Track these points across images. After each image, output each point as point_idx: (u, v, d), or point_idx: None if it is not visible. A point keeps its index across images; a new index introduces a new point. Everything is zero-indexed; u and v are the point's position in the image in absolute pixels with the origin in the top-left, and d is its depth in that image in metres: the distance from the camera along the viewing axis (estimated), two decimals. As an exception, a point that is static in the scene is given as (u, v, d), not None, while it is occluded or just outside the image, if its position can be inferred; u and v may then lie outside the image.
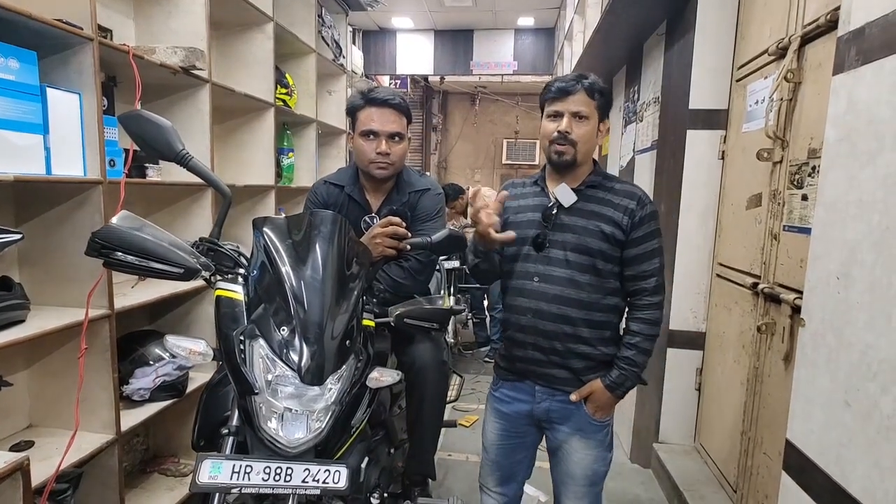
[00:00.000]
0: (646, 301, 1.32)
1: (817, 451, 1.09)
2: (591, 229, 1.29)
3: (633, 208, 1.29)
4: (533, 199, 1.38)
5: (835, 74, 1.08)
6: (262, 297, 1.08)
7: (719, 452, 2.04)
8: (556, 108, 1.29)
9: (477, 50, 6.09)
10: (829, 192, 1.09)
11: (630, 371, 1.31)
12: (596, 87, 1.29)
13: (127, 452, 2.01)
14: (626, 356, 1.31)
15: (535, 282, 1.33)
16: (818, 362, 1.10)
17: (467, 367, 3.92)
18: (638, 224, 1.29)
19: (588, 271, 1.30)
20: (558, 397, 1.36)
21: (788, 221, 1.57)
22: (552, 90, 1.30)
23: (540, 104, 1.37)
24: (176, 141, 1.12)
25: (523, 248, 1.35)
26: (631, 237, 1.29)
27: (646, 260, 1.30)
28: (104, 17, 1.84)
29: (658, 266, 1.32)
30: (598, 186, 1.33)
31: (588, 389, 1.33)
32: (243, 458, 0.98)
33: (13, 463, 1.00)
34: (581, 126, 1.28)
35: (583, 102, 1.28)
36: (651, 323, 1.32)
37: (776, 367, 1.62)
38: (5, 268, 1.52)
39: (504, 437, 1.45)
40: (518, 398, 1.41)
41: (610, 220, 1.29)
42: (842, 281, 1.03)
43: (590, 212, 1.30)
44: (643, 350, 1.32)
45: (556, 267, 1.31)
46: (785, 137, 1.60)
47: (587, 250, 1.29)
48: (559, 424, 1.37)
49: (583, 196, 1.32)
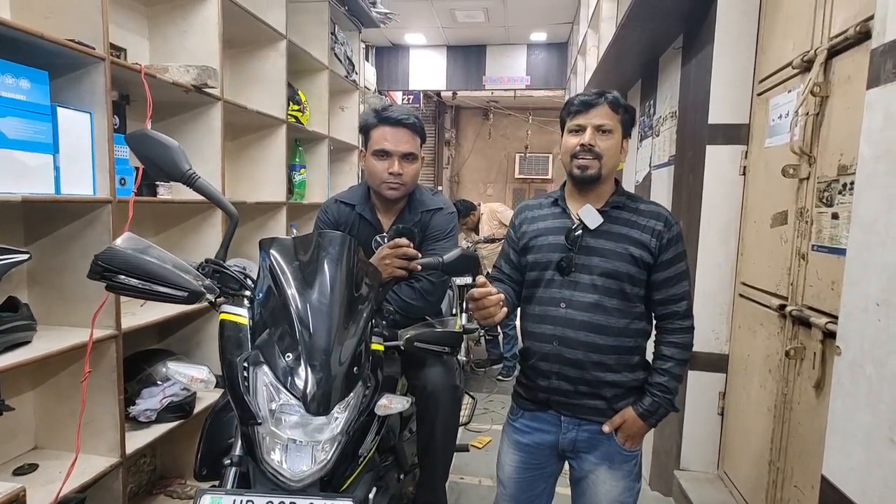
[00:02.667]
0: (677, 325, 1.28)
1: (858, 490, 1.01)
2: (619, 252, 1.25)
3: (661, 230, 1.25)
4: (553, 221, 1.33)
5: (869, 88, 1.02)
6: (267, 321, 1.04)
7: (745, 482, 1.94)
8: (578, 121, 1.25)
9: (489, 65, 6.10)
10: (866, 212, 1.02)
11: (663, 398, 1.26)
12: (620, 103, 1.26)
13: (133, 473, 1.98)
14: (659, 382, 1.26)
15: (562, 308, 1.27)
16: (857, 394, 1.03)
17: (480, 387, 3.84)
18: (666, 246, 1.25)
19: (616, 296, 1.25)
20: (585, 427, 1.29)
21: (818, 241, 1.49)
22: (575, 104, 1.27)
23: (560, 121, 1.33)
24: (182, 161, 1.10)
25: (546, 273, 1.30)
26: (660, 260, 1.25)
27: (676, 283, 1.26)
28: (119, 37, 1.85)
29: (687, 289, 1.28)
30: (623, 207, 1.28)
31: (620, 419, 1.27)
32: (244, 493, 0.94)
33: (9, 494, 0.97)
34: (605, 139, 1.24)
35: (606, 115, 1.24)
36: (683, 347, 1.27)
37: (806, 395, 1.53)
38: (13, 288, 1.51)
39: (522, 470, 1.37)
40: (541, 428, 1.34)
41: (637, 243, 1.24)
42: (882, 308, 0.96)
43: (617, 234, 1.26)
44: (675, 376, 1.26)
45: (583, 292, 1.26)
46: (812, 153, 1.53)
47: (616, 274, 1.24)
48: (586, 454, 1.31)
49: (608, 217, 1.27)
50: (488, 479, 2.51)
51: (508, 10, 4.99)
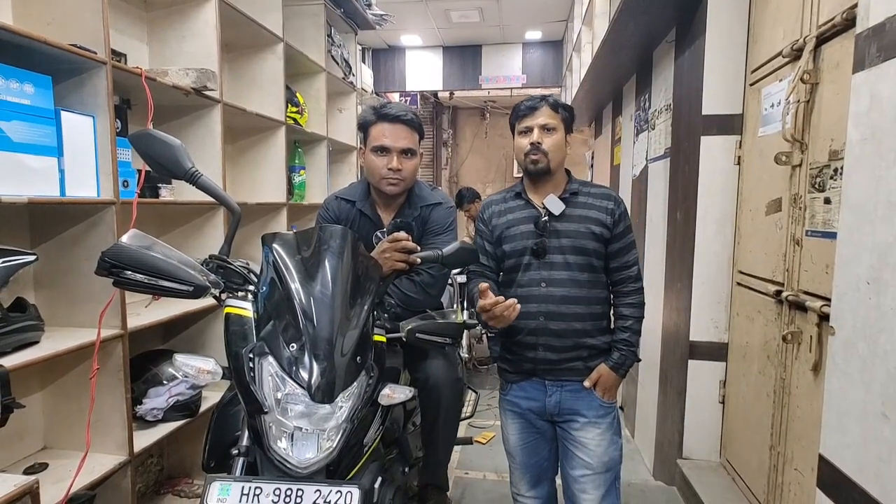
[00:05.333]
0: (631, 287, 1.47)
1: (854, 467, 1.03)
2: (583, 231, 1.43)
3: (612, 208, 1.45)
4: (521, 212, 1.49)
5: (855, 72, 1.04)
6: (271, 313, 1.06)
7: (747, 468, 1.96)
8: (525, 123, 1.44)
9: (485, 65, 6.13)
10: (855, 194, 1.05)
11: (628, 350, 1.45)
12: (559, 104, 1.46)
13: (141, 473, 2.00)
14: (623, 338, 1.46)
15: (543, 287, 1.43)
16: (851, 372, 1.05)
17: (482, 383, 3.86)
18: (618, 220, 1.44)
19: (586, 269, 1.43)
20: (567, 387, 1.46)
21: (811, 226, 1.52)
22: (521, 109, 1.46)
23: (511, 126, 1.51)
24: (185, 159, 1.12)
25: (523, 258, 1.46)
26: (614, 233, 1.44)
27: (628, 252, 1.46)
28: (119, 42, 1.88)
29: (636, 256, 1.48)
30: (579, 193, 1.47)
31: (596, 374, 1.45)
32: (253, 480, 0.96)
33: (23, 486, 0.99)
34: (550, 136, 1.43)
35: (549, 116, 1.43)
36: (638, 306, 1.48)
37: (804, 378, 1.55)
38: (20, 289, 1.53)
39: (525, 435, 1.51)
40: (529, 395, 1.49)
41: (596, 221, 1.43)
42: (873, 286, 0.98)
43: (578, 216, 1.44)
44: (635, 331, 1.47)
45: (558, 270, 1.43)
46: (804, 140, 1.56)
47: (583, 250, 1.42)
48: (570, 415, 1.46)
49: (569, 203, 1.45)
50: (493, 474, 2.53)
51: (503, 9, 5.01)
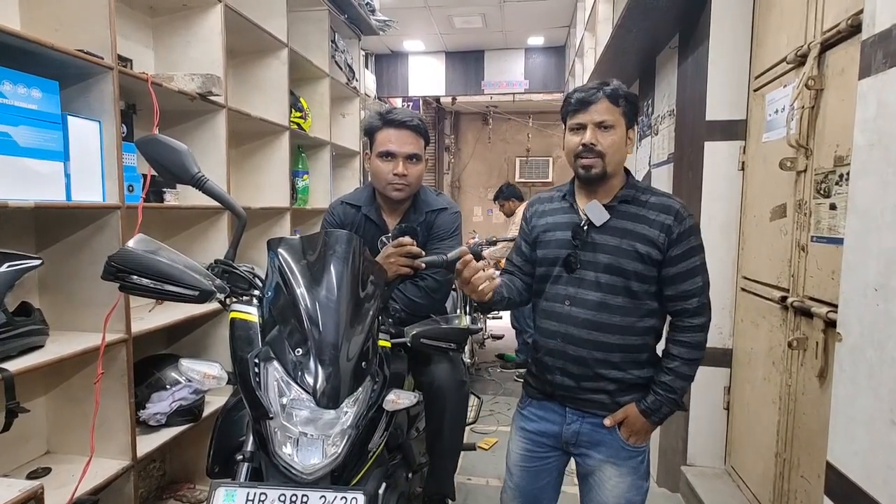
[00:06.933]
0: (687, 323, 1.23)
1: (862, 474, 1.02)
2: (624, 249, 1.21)
3: (671, 224, 1.20)
4: (562, 216, 1.31)
5: (861, 79, 1.04)
6: (276, 318, 1.06)
7: (752, 475, 1.94)
8: (578, 119, 1.21)
9: (488, 70, 6.15)
10: (862, 200, 1.04)
11: (666, 397, 1.23)
12: (620, 93, 1.21)
13: (143, 478, 2.00)
14: (663, 381, 1.23)
15: (566, 305, 1.26)
16: (858, 379, 1.04)
17: (485, 388, 3.85)
18: (676, 241, 1.20)
19: (621, 293, 1.22)
20: (589, 419, 1.28)
21: (816, 232, 1.51)
22: (572, 102, 1.23)
23: (562, 117, 1.29)
24: (191, 164, 1.13)
25: (554, 269, 1.29)
26: (669, 255, 1.20)
27: (687, 279, 1.21)
28: (125, 48, 1.89)
29: (701, 285, 1.23)
30: (632, 201, 1.24)
31: (622, 414, 1.25)
32: (257, 486, 0.95)
33: (27, 491, 0.99)
34: (607, 136, 1.20)
35: (606, 111, 1.19)
36: (692, 346, 1.23)
37: (810, 385, 1.54)
38: (25, 293, 1.53)
39: (527, 459, 1.37)
40: (546, 417, 1.34)
41: (644, 239, 1.20)
42: (880, 292, 0.98)
43: (623, 230, 1.22)
44: (682, 375, 1.23)
45: (587, 290, 1.24)
46: (808, 146, 1.56)
47: (620, 272, 1.21)
48: (589, 450, 1.29)
49: (615, 213, 1.23)
50: (495, 480, 2.52)
51: (506, 15, 5.03)
